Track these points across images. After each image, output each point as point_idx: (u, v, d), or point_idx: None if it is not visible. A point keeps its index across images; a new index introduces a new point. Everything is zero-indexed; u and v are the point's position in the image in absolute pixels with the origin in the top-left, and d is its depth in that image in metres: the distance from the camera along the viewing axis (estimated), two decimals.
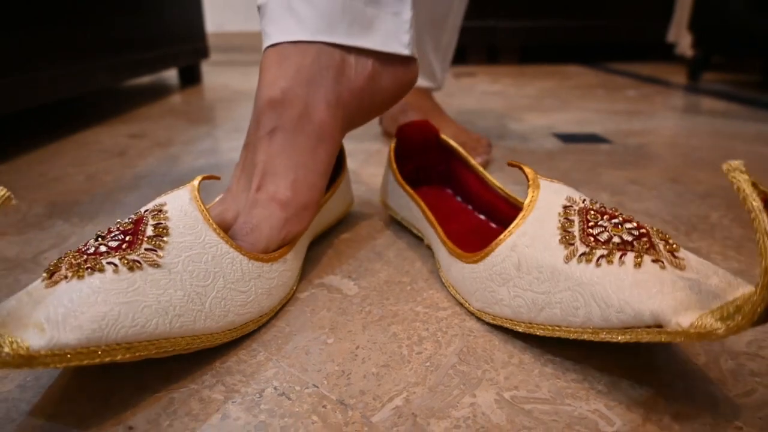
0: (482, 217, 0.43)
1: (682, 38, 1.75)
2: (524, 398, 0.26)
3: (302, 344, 0.30)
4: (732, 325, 0.20)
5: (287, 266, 0.34)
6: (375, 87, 0.40)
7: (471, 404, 0.25)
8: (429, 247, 0.42)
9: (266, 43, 0.39)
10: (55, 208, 0.51)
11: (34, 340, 0.21)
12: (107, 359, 0.23)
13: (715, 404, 0.25)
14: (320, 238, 0.44)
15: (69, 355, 0.22)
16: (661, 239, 0.27)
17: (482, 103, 1.12)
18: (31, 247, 0.42)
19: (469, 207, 0.45)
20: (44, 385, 0.27)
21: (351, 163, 0.66)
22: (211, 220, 0.30)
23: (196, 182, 0.32)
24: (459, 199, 0.47)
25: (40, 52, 0.72)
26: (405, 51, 0.41)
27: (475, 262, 0.31)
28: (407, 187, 0.43)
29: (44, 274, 0.26)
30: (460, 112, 1.01)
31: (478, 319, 0.32)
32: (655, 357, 0.29)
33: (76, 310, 0.23)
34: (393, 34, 0.41)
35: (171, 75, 1.52)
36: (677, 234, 0.44)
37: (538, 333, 0.28)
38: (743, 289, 0.24)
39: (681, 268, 0.25)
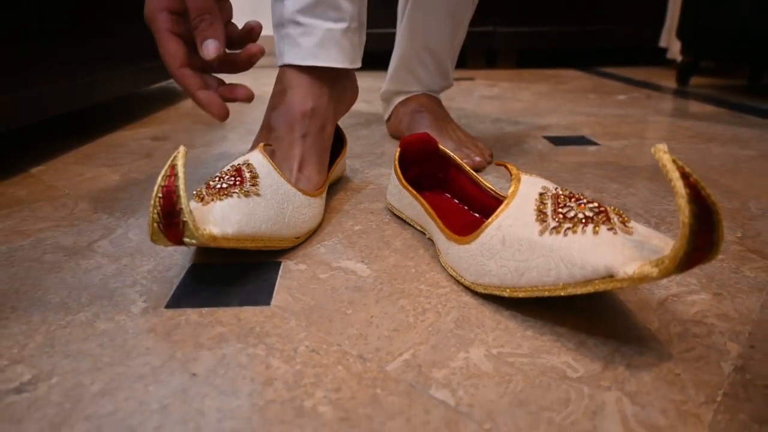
0: (477, 215, 0.50)
1: (673, 43, 1.82)
2: (508, 353, 0.32)
3: (326, 314, 0.36)
4: (663, 268, 0.26)
5: (321, 201, 0.51)
6: (353, 98, 0.60)
7: (465, 358, 0.32)
8: (430, 239, 0.48)
9: (308, 61, 0.52)
10: (98, 204, 0.57)
11: (214, 230, 0.37)
12: (241, 246, 0.39)
13: (661, 358, 0.32)
14: (336, 230, 0.50)
15: (228, 240, 0.37)
16: (616, 214, 0.33)
17: (480, 107, 1.18)
18: (84, 237, 0.49)
19: (465, 207, 0.51)
20: (119, 344, 0.33)
21: (360, 165, 0.72)
22: (279, 170, 0.46)
23: (260, 147, 0.48)
24: (456, 201, 0.53)
25: (72, 61, 0.78)
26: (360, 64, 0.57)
27: (468, 242, 0.38)
28: (410, 189, 0.49)
29: (196, 199, 0.40)
30: (459, 115, 1.08)
31: (473, 294, 0.39)
32: (617, 323, 0.35)
33: (226, 216, 0.38)
34: (360, 53, 0.57)
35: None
36: (647, 225, 0.51)
37: (520, 295, 0.34)
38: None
39: (629, 233, 0.31)
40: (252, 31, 0.50)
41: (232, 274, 0.42)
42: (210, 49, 0.44)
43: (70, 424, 0.27)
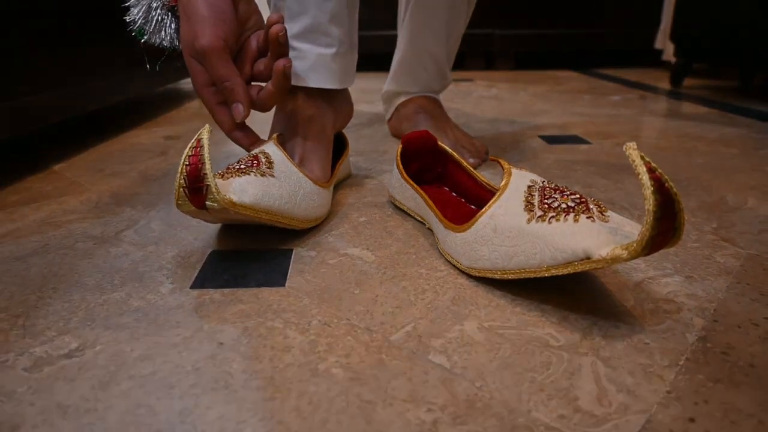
0: (472, 206, 0.54)
1: (668, 45, 1.85)
2: (498, 326, 0.36)
3: (336, 294, 0.40)
4: (631, 251, 0.31)
5: (329, 194, 0.56)
6: (349, 113, 0.66)
7: (460, 330, 0.36)
8: (430, 229, 0.52)
9: (301, 83, 0.57)
10: (120, 198, 0.61)
11: (233, 198, 0.41)
12: (256, 218, 0.43)
13: (633, 329, 0.36)
14: (343, 222, 0.54)
15: (243, 208, 0.41)
16: (595, 204, 0.37)
17: (478, 107, 1.22)
18: (111, 227, 0.53)
19: (462, 199, 0.55)
20: (152, 318, 0.37)
21: (364, 162, 0.76)
22: (291, 159, 0.51)
23: (275, 139, 0.53)
24: (454, 194, 0.57)
25: (96, 65, 0.82)
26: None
27: (464, 230, 0.42)
28: (412, 183, 0.53)
29: (219, 176, 0.44)
30: (458, 115, 1.12)
31: (468, 277, 0.43)
32: (597, 301, 0.39)
33: (244, 189, 0.42)
34: (351, 72, 0.62)
35: (186, 81, 1.62)
36: (631, 217, 0.55)
37: (510, 277, 0.38)
38: None
39: (606, 221, 0.35)
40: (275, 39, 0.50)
41: (249, 260, 0.46)
42: (236, 112, 0.51)
43: (116, 382, 0.31)
